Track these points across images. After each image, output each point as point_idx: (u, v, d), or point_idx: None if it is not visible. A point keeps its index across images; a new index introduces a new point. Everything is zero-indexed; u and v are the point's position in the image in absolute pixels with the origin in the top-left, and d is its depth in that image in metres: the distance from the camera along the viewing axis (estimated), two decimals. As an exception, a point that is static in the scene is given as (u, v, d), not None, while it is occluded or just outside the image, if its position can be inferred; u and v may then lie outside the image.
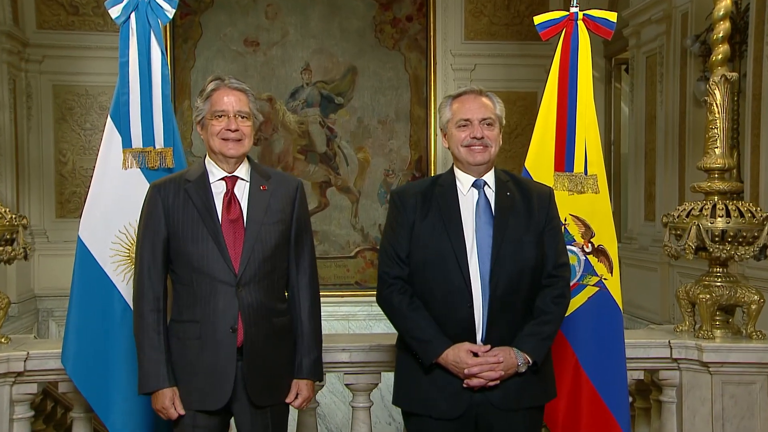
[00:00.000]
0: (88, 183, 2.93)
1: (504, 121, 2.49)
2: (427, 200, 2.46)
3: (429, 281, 2.40)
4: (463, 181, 2.47)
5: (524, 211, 2.43)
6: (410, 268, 2.43)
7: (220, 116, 2.38)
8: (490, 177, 2.48)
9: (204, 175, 2.42)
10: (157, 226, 2.38)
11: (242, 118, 2.40)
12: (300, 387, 2.48)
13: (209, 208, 2.37)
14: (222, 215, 2.38)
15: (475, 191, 2.45)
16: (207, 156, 2.47)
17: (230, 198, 2.41)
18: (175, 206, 2.37)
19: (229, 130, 2.37)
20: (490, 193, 2.45)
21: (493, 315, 2.35)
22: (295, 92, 7.68)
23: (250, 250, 2.36)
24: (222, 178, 2.43)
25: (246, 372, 2.35)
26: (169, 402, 2.34)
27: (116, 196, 2.84)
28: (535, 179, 2.90)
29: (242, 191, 2.43)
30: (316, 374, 2.52)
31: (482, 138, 2.42)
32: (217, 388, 2.33)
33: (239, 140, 2.39)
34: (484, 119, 2.42)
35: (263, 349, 2.38)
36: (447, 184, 2.49)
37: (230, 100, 2.39)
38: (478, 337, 2.37)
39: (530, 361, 2.35)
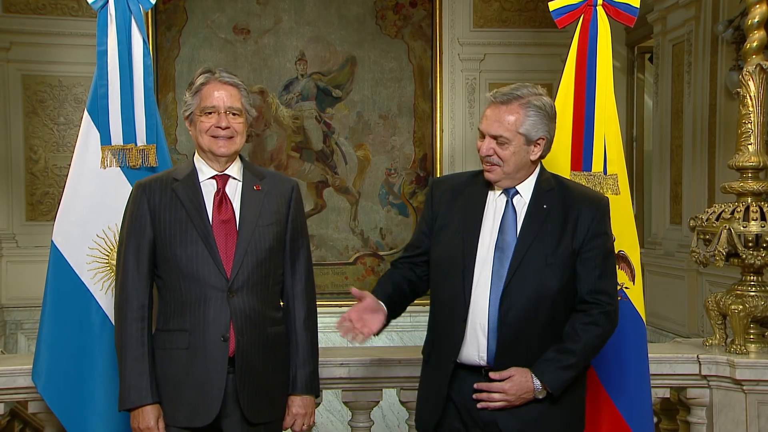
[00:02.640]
0: (63, 183, 2.94)
1: (537, 135, 2.33)
2: (457, 196, 2.47)
3: (437, 283, 2.46)
4: (497, 186, 2.44)
5: (558, 228, 2.34)
6: (429, 265, 2.51)
7: (210, 113, 2.41)
8: (526, 185, 2.40)
9: (193, 173, 2.45)
10: (142, 227, 2.40)
11: (233, 114, 2.42)
12: (295, 404, 2.50)
13: (199, 209, 2.39)
14: (213, 216, 2.41)
15: (504, 199, 2.41)
16: (196, 153, 2.50)
17: (222, 197, 2.44)
18: (162, 206, 2.40)
19: (219, 127, 2.40)
20: (521, 205, 2.39)
21: (502, 343, 2.31)
22: (289, 84, 7.69)
23: (243, 254, 2.39)
24: (212, 177, 2.45)
25: (238, 385, 2.37)
26: (154, 422, 2.35)
27: (94, 198, 2.85)
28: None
29: (234, 191, 2.46)
30: (313, 389, 2.54)
31: (490, 156, 2.36)
32: (206, 403, 2.34)
33: (230, 138, 2.42)
34: (495, 136, 2.34)
35: (257, 361, 2.40)
36: (481, 183, 2.45)
37: (221, 96, 2.41)
38: (476, 358, 2.34)
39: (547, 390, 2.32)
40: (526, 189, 2.41)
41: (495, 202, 2.42)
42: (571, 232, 2.35)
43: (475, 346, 2.34)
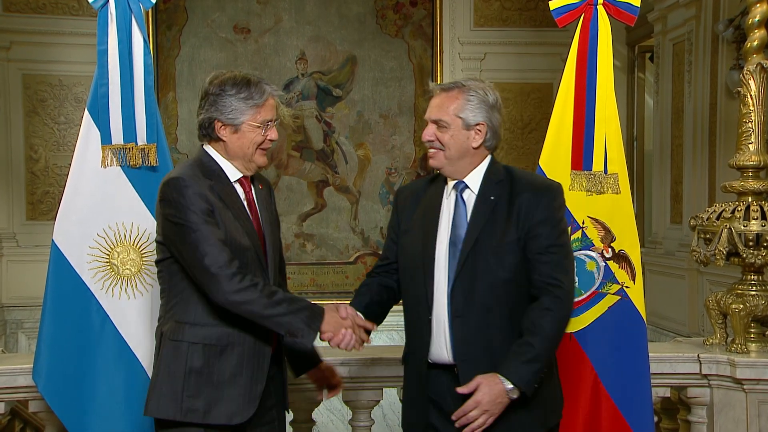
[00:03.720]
0: (63, 182, 2.94)
1: (475, 120, 2.38)
2: (417, 201, 2.52)
3: (404, 287, 2.51)
4: (449, 182, 2.48)
5: (504, 218, 2.35)
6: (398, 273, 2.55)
7: (268, 127, 2.42)
8: (475, 178, 2.43)
9: (222, 173, 2.43)
10: (215, 221, 2.32)
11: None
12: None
13: (242, 211, 2.41)
14: (253, 219, 2.44)
15: (455, 194, 2.44)
16: (215, 152, 2.43)
17: (251, 200, 2.47)
18: (216, 207, 2.35)
19: (272, 140, 2.43)
20: (470, 198, 2.42)
21: (460, 338, 2.33)
22: (289, 84, 7.69)
23: (272, 254, 2.46)
24: (239, 179, 2.46)
25: (282, 377, 2.49)
26: (344, 312, 2.37)
27: (95, 197, 2.85)
28: (549, 178, 2.92)
29: (253, 192, 2.51)
30: None
31: (432, 141, 2.41)
32: (249, 398, 2.35)
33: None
34: (436, 121, 2.41)
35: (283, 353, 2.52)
36: (439, 184, 2.51)
37: (276, 109, 2.43)
38: (446, 355, 2.37)
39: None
40: (474, 182, 2.43)
41: (449, 198, 2.45)
42: (515, 221, 2.35)
43: (442, 344, 2.37)
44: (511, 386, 2.26)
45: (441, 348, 2.37)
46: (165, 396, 2.35)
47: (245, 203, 2.44)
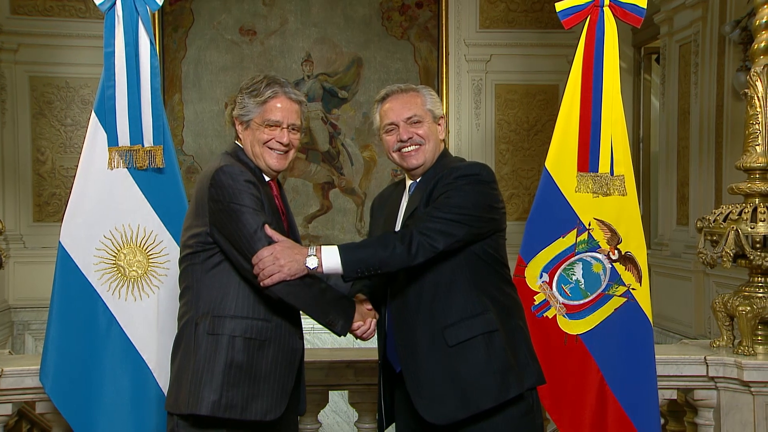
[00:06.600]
0: (70, 184, 2.96)
1: (440, 113, 2.49)
2: (383, 206, 2.59)
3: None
4: (407, 181, 2.54)
5: (424, 205, 2.37)
6: None
7: (273, 127, 2.41)
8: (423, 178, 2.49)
9: (258, 172, 2.45)
10: (265, 212, 2.33)
11: (293, 130, 2.45)
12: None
13: (276, 212, 2.43)
14: (283, 220, 2.46)
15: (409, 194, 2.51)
16: (250, 153, 2.45)
17: (280, 203, 2.49)
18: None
19: (280, 143, 2.42)
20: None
21: (396, 333, 2.40)
22: (295, 85, 7.66)
23: None
24: (269, 181, 2.48)
25: (301, 379, 2.47)
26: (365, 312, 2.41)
27: (101, 199, 2.86)
28: (556, 180, 2.92)
29: (281, 195, 2.54)
30: None
31: (411, 137, 2.43)
32: (282, 395, 2.35)
33: (286, 152, 2.45)
34: (409, 118, 2.43)
35: None
36: (402, 188, 2.56)
37: (286, 112, 2.43)
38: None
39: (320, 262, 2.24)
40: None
41: (404, 199, 2.51)
42: (428, 202, 2.37)
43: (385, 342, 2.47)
44: (313, 253, 2.24)
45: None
46: (201, 390, 2.26)
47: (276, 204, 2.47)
